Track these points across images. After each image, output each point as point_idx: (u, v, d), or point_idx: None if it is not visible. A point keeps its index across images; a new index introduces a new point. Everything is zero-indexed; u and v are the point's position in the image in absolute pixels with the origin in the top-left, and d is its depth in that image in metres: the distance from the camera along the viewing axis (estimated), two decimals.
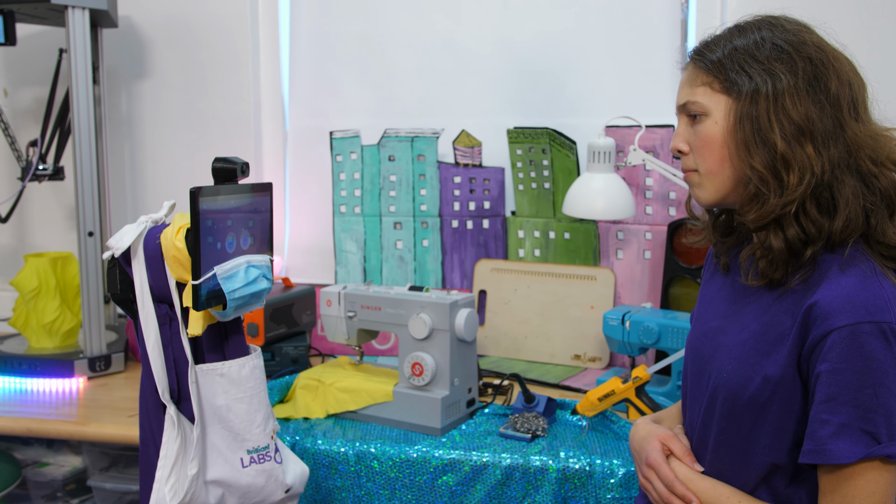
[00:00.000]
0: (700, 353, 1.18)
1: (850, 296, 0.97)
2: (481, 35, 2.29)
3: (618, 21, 2.22)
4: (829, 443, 0.96)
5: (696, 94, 1.08)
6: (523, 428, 1.60)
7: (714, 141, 1.07)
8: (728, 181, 1.08)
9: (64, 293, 2.12)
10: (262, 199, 1.27)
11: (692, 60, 1.11)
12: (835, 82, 1.03)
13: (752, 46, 1.05)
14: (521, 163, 2.16)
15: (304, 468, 1.35)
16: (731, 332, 1.12)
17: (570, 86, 2.26)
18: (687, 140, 1.12)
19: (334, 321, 1.79)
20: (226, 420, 1.22)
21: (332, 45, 2.38)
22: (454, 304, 1.64)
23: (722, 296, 1.18)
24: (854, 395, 0.95)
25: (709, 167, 1.08)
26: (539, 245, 2.18)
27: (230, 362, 1.22)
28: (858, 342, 0.95)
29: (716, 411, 1.11)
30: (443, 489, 1.52)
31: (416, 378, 1.64)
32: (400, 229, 2.25)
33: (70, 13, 1.95)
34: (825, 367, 0.96)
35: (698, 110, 1.08)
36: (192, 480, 1.20)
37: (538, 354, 2.14)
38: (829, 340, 0.96)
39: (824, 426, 0.96)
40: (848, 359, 0.95)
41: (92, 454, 1.91)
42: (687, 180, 1.14)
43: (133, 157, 2.47)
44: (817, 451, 0.97)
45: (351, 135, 2.25)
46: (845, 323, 0.95)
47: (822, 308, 0.97)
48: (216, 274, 1.16)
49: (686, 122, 1.12)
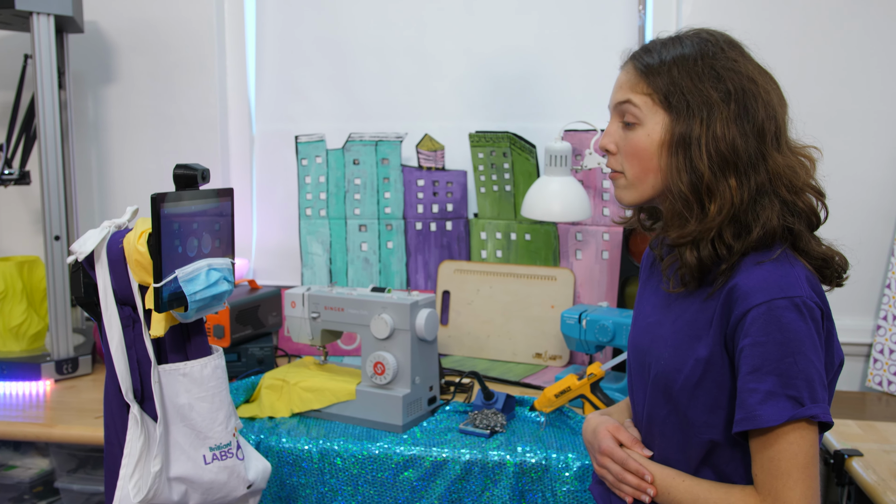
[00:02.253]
0: (639, 347, 1.24)
1: (765, 277, 1.05)
2: (445, 41, 2.34)
3: (578, 27, 2.28)
4: (757, 409, 1.02)
5: (636, 100, 1.12)
6: (482, 424, 1.65)
7: (644, 152, 1.12)
8: (651, 190, 1.15)
9: (31, 297, 2.14)
10: (224, 204, 1.30)
11: (633, 64, 1.15)
12: (762, 113, 1.09)
13: (692, 66, 1.09)
14: (483, 166, 2.21)
15: (266, 464, 1.39)
16: (665, 323, 1.18)
17: (532, 90, 2.31)
18: (616, 142, 1.17)
19: (299, 322, 1.83)
20: (188, 418, 1.26)
21: (298, 50, 2.42)
22: (415, 304, 1.68)
23: (658, 292, 1.25)
24: (776, 365, 1.02)
25: (636, 174, 1.14)
26: (501, 246, 2.23)
27: (192, 362, 1.26)
28: (775, 316, 1.02)
29: (658, 398, 1.17)
30: (404, 484, 1.57)
31: (378, 377, 1.68)
32: (365, 231, 2.29)
33: (35, 19, 1.96)
34: (748, 342, 1.03)
35: (633, 118, 1.13)
36: (154, 477, 1.24)
37: (500, 353, 2.19)
38: (749, 317, 1.03)
39: (752, 395, 1.03)
40: (767, 332, 1.02)
41: (59, 456, 1.92)
42: (612, 178, 1.19)
43: (100, 162, 2.48)
44: (747, 418, 1.03)
45: (316, 139, 2.29)
46: (762, 300, 1.03)
47: (740, 289, 1.05)
48: (178, 277, 1.19)
49: (618, 123, 1.16)
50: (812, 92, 2.13)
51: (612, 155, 1.17)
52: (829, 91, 2.12)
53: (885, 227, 2.12)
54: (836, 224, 2.16)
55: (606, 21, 2.27)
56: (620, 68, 1.18)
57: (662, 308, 1.22)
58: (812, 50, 2.12)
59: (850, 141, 2.12)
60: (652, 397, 1.19)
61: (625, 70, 1.16)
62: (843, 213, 2.14)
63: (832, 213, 2.28)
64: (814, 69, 2.13)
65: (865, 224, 2.13)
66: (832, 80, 2.12)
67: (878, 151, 2.11)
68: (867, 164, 2.12)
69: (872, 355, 2.09)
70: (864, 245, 2.14)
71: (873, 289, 2.14)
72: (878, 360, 2.07)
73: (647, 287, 1.30)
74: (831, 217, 2.28)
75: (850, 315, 2.16)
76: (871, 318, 2.14)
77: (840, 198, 2.13)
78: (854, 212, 2.14)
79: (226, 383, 1.30)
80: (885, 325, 2.06)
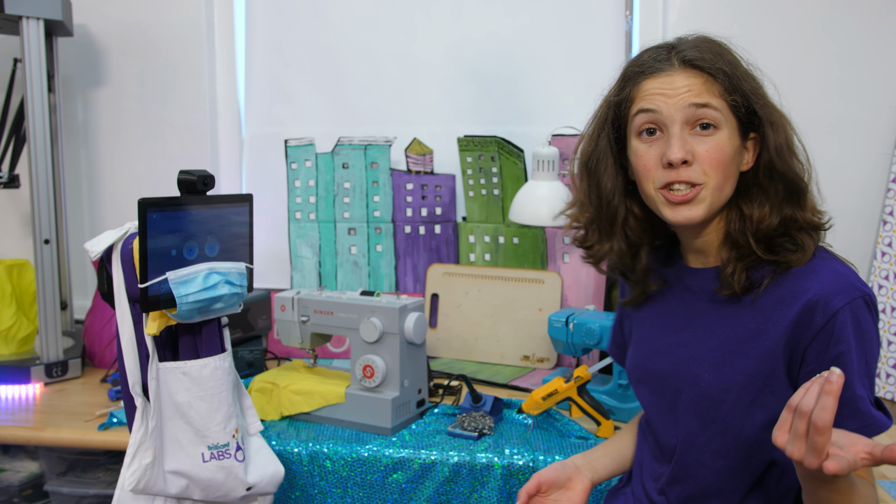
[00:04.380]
0: (658, 372, 1.19)
1: (834, 278, 1.04)
2: (434, 45, 2.35)
3: (565, 32, 2.30)
4: (874, 415, 1.01)
5: (716, 103, 1.06)
6: (470, 427, 1.66)
7: (728, 158, 1.06)
8: (726, 199, 1.10)
9: (20, 300, 2.14)
10: (238, 209, 1.34)
11: (696, 66, 1.07)
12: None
13: (752, 74, 1.11)
14: (472, 170, 2.22)
15: (278, 469, 1.41)
16: (693, 343, 1.14)
17: (520, 95, 2.33)
18: (691, 151, 1.06)
19: (288, 325, 1.84)
20: (187, 416, 1.31)
21: (288, 54, 2.43)
22: (403, 308, 1.69)
23: (668, 314, 1.21)
24: (867, 369, 1.02)
25: (719, 182, 1.07)
26: (489, 250, 2.25)
27: (192, 362, 1.31)
28: (857, 317, 1.01)
29: (695, 424, 1.12)
30: (393, 486, 1.58)
31: (367, 380, 1.69)
32: (354, 235, 2.30)
33: (24, 23, 1.96)
34: (843, 347, 1.01)
35: (714, 122, 1.06)
36: (145, 469, 1.30)
37: (489, 356, 2.21)
38: (837, 322, 1.01)
39: (862, 402, 1.01)
40: (857, 334, 1.02)
41: (49, 459, 1.92)
42: (685, 198, 1.07)
43: (89, 165, 2.49)
44: (869, 426, 1.01)
45: (305, 143, 2.30)
46: (844, 303, 1.01)
47: (817, 295, 1.03)
48: (168, 279, 1.24)
49: (686, 129, 1.07)
50: (797, 97, 2.14)
51: (687, 167, 1.06)
52: (814, 96, 2.15)
53: (868, 231, 2.15)
54: None
55: (593, 26, 2.29)
56: (661, 71, 1.08)
57: (680, 327, 1.17)
58: (797, 56, 2.15)
59: (835, 146, 2.15)
60: (689, 423, 1.13)
61: (683, 72, 1.07)
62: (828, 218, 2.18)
63: None
64: (799, 75, 2.15)
65: (850, 228, 2.16)
66: (817, 85, 2.15)
67: (863, 156, 2.14)
68: (851, 168, 2.15)
69: None
70: (847, 249, 2.17)
71: None
72: None
73: (644, 311, 1.26)
74: None
75: None
76: None
77: (825, 203, 2.16)
78: (838, 216, 2.15)
79: (227, 386, 1.33)
80: None
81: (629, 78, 1.12)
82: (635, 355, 1.26)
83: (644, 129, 1.09)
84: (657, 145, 1.08)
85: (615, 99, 1.14)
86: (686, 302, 1.18)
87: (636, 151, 1.11)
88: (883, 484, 1.44)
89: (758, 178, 1.10)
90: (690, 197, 1.06)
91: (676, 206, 1.07)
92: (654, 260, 1.24)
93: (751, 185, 1.10)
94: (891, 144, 2.12)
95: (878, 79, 2.11)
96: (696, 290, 1.17)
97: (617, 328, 1.42)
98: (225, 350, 1.36)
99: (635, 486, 1.27)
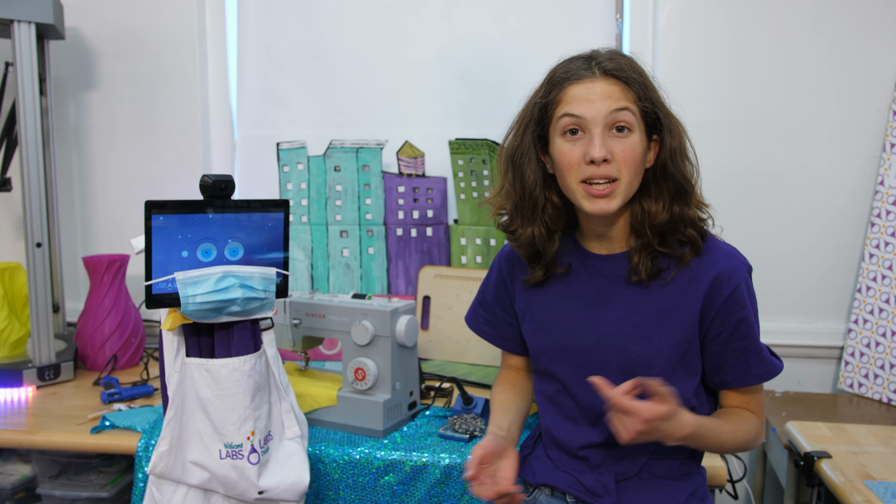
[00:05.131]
0: (580, 347, 1.32)
1: (728, 257, 1.28)
2: (425, 48, 2.36)
3: (556, 35, 2.31)
4: (773, 361, 1.30)
5: (630, 108, 1.22)
6: (462, 429, 1.67)
7: (638, 157, 1.23)
8: (633, 193, 1.27)
9: (12, 303, 2.14)
10: (271, 216, 1.38)
11: (614, 76, 1.23)
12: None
13: (652, 83, 1.27)
14: (463, 173, 2.24)
15: (301, 478, 1.42)
16: (612, 319, 1.30)
17: (511, 98, 2.31)
18: (610, 150, 1.22)
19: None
20: (207, 412, 1.35)
21: (279, 57, 2.43)
22: (395, 311, 1.70)
23: (578, 295, 1.34)
24: (758, 325, 1.29)
25: (630, 180, 1.24)
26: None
27: (214, 360, 1.35)
28: (749, 285, 1.28)
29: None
30: (385, 489, 1.59)
31: (358, 383, 1.70)
32: (346, 237, 2.31)
33: (16, 27, 1.97)
34: (745, 313, 1.26)
35: (629, 125, 1.22)
36: (161, 455, 1.37)
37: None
38: (738, 293, 1.25)
39: (763, 351, 1.29)
40: (752, 300, 1.29)
41: (41, 462, 1.92)
42: (603, 192, 1.23)
43: (81, 168, 2.49)
44: (771, 370, 1.29)
45: (297, 146, 2.30)
46: (741, 277, 1.26)
47: (723, 272, 1.25)
48: (175, 279, 1.28)
49: (605, 132, 1.22)
50: (786, 101, 2.17)
51: (607, 164, 1.22)
52: (803, 100, 2.17)
53: (856, 233, 2.17)
54: (810, 229, 2.23)
55: (584, 30, 2.30)
56: (585, 78, 1.24)
57: (596, 307, 1.32)
58: (785, 60, 2.17)
59: (824, 149, 2.17)
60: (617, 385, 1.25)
61: (604, 80, 1.23)
62: (816, 219, 2.20)
63: (806, 219, 2.34)
64: (788, 78, 2.17)
65: (838, 230, 2.18)
66: (806, 89, 2.17)
67: (850, 159, 2.16)
68: (840, 171, 2.16)
69: (844, 358, 2.14)
70: (836, 250, 2.19)
71: (844, 292, 2.19)
72: (850, 362, 2.11)
73: (547, 293, 1.39)
74: (805, 223, 2.34)
75: (822, 318, 2.21)
76: (842, 322, 2.19)
77: (813, 204, 2.19)
78: (826, 218, 2.19)
79: (245, 388, 1.35)
80: (856, 329, 2.11)
81: (555, 83, 1.27)
82: (547, 334, 1.38)
83: (568, 129, 1.24)
84: (580, 144, 1.23)
85: (541, 101, 1.29)
86: (597, 284, 1.34)
87: (560, 149, 1.26)
88: (869, 485, 1.46)
89: (655, 176, 1.27)
90: (608, 192, 1.22)
91: (595, 198, 1.23)
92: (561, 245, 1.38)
93: (650, 183, 1.27)
94: (879, 147, 2.14)
95: (866, 82, 2.13)
96: (607, 274, 1.33)
97: (493, 309, 1.53)
98: (257, 351, 1.38)
99: (549, 449, 1.41)
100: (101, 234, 2.50)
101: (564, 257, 1.38)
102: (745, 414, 1.33)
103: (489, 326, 1.55)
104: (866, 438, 1.71)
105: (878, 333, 2.05)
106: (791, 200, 2.19)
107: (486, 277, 1.55)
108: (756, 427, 1.32)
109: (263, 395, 1.40)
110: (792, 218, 2.19)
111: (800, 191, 2.19)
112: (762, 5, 2.16)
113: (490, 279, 1.53)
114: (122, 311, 2.20)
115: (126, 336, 2.19)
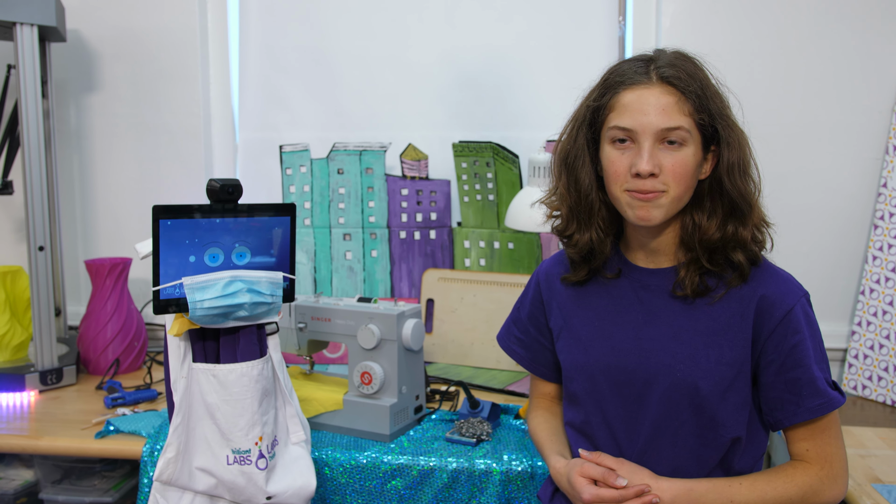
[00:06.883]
0: (623, 366, 1.24)
1: (784, 281, 1.21)
2: (428, 51, 2.36)
3: (559, 38, 2.31)
4: (830, 393, 1.18)
5: (685, 123, 1.15)
6: (468, 433, 1.67)
7: (690, 171, 1.17)
8: (682, 206, 1.21)
9: (14, 307, 2.13)
10: (277, 220, 1.38)
11: (672, 84, 1.15)
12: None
13: (717, 91, 1.20)
14: (466, 175, 2.23)
15: (308, 483, 1.42)
16: (658, 336, 1.23)
17: (514, 100, 2.34)
18: (659, 164, 1.15)
19: (285, 332, 1.84)
20: (214, 417, 1.34)
21: (282, 59, 2.43)
22: (401, 314, 1.70)
23: (625, 311, 1.27)
24: (821, 354, 1.21)
25: (680, 193, 1.17)
26: (484, 255, 2.26)
27: (221, 366, 1.34)
28: (806, 312, 1.19)
29: (673, 409, 1.20)
30: (392, 493, 1.59)
31: (365, 387, 1.70)
32: (349, 240, 2.31)
33: (18, 29, 1.96)
34: (798, 338, 1.18)
35: (681, 140, 1.15)
36: (167, 462, 1.37)
37: (484, 360, 2.21)
38: (792, 316, 1.18)
39: (821, 382, 1.18)
40: (809, 325, 1.20)
41: (44, 467, 1.91)
42: (649, 198, 1.16)
43: (82, 171, 2.48)
44: (827, 403, 1.18)
45: (300, 148, 2.30)
46: (794, 301, 1.18)
47: (773, 294, 1.19)
48: (183, 284, 1.28)
49: (656, 145, 1.15)
50: (788, 103, 2.17)
51: (654, 178, 1.15)
52: (806, 102, 2.17)
53: (859, 235, 2.17)
54: (813, 232, 2.23)
55: (586, 32, 2.30)
56: (639, 84, 1.16)
57: (643, 324, 1.24)
58: (787, 62, 2.17)
59: (827, 151, 2.17)
60: (664, 410, 1.20)
61: (660, 88, 1.16)
62: (819, 222, 2.20)
63: (808, 221, 2.35)
64: (790, 81, 2.17)
65: (841, 232, 2.18)
66: (809, 91, 2.17)
67: (853, 161, 2.16)
68: (843, 173, 2.17)
69: (847, 360, 2.14)
70: (838, 253, 2.19)
71: (848, 295, 2.19)
72: (854, 364, 2.12)
73: (588, 307, 1.31)
74: (808, 225, 2.34)
75: (825, 320, 2.19)
76: (846, 324, 2.19)
77: (816, 206, 2.19)
78: (829, 220, 2.19)
79: (252, 393, 1.35)
80: (859, 331, 2.11)
81: (609, 86, 1.20)
82: (587, 351, 1.29)
83: (617, 138, 1.18)
84: (628, 154, 1.17)
85: (594, 104, 1.23)
86: (643, 299, 1.26)
87: (608, 157, 1.20)
88: (878, 488, 1.46)
89: (711, 189, 1.20)
90: (652, 197, 1.16)
91: (638, 203, 1.17)
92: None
93: (704, 195, 1.21)
94: (881, 149, 2.14)
95: (869, 84, 2.14)
96: (654, 289, 1.26)
97: (527, 328, 1.43)
98: (263, 356, 1.37)
99: None
100: (102, 236, 2.49)
101: (612, 265, 1.32)
102: (797, 468, 1.20)
103: (521, 347, 1.45)
104: (872, 441, 1.71)
105: (881, 336, 2.05)
106: (794, 203, 2.19)
107: (522, 294, 1.46)
108: (809, 483, 1.19)
109: (270, 400, 1.40)
110: (794, 220, 2.19)
111: (802, 193, 2.19)
112: (765, 8, 2.16)
113: (526, 296, 1.44)
114: (125, 314, 2.19)
115: (128, 340, 2.18)
